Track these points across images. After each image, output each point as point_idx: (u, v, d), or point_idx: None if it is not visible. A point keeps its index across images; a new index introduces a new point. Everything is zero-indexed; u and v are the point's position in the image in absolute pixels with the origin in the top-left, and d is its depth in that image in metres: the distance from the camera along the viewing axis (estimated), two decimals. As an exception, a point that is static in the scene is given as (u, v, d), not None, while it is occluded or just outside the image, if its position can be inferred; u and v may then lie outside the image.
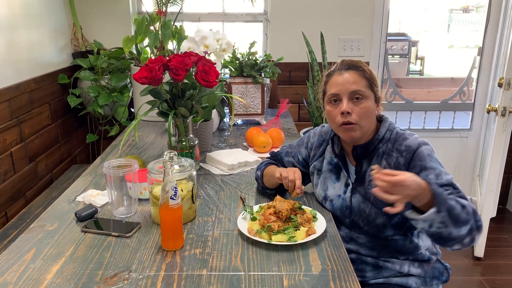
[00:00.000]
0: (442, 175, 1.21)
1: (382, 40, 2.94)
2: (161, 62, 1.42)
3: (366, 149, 1.32)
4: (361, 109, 1.26)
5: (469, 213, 1.11)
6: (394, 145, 1.29)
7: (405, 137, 1.30)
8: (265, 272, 1.06)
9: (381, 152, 1.31)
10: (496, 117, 2.42)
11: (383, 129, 1.32)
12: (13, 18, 2.11)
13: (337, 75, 1.30)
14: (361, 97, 1.26)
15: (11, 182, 2.08)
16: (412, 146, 1.26)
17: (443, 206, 1.07)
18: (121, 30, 2.80)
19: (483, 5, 9.18)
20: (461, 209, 1.10)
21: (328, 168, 1.42)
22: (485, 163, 2.72)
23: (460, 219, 1.09)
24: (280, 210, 1.24)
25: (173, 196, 1.11)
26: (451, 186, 1.20)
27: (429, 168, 1.22)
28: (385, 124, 1.33)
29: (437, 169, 1.22)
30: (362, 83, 1.27)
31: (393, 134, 1.32)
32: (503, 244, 2.78)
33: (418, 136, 1.32)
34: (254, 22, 3.00)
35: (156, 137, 2.14)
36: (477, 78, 3.08)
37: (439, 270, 1.37)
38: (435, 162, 1.23)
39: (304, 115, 3.06)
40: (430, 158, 1.24)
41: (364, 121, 1.27)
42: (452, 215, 1.08)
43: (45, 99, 2.41)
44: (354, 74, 1.28)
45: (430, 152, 1.26)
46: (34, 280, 1.03)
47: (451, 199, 1.11)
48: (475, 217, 1.12)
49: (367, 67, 1.32)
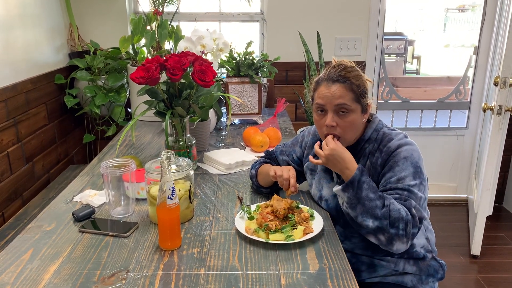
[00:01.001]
0: (405, 180, 1.23)
1: (378, 39, 2.95)
2: (158, 62, 1.42)
3: (353, 150, 1.32)
4: (345, 122, 1.27)
5: (386, 214, 1.17)
6: (379, 145, 1.31)
7: (390, 137, 1.30)
8: (263, 271, 1.06)
9: (367, 152, 1.33)
10: (492, 116, 2.43)
11: (370, 130, 1.34)
12: (9, 18, 2.10)
13: (324, 86, 1.28)
14: (346, 111, 1.26)
15: (8, 183, 2.07)
16: (392, 147, 1.27)
17: (352, 189, 1.20)
18: (118, 30, 2.80)
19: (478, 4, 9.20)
20: (378, 205, 1.18)
21: (323, 168, 1.43)
22: (481, 161, 2.73)
23: (369, 211, 1.18)
24: (277, 209, 1.25)
25: (170, 196, 1.12)
26: (406, 191, 1.22)
27: (396, 171, 1.24)
28: (372, 125, 1.35)
29: (403, 173, 1.23)
30: (348, 97, 1.26)
31: (380, 134, 1.33)
32: (499, 242, 2.79)
33: (406, 135, 1.32)
34: (251, 21, 3.00)
35: (153, 137, 2.14)
36: (473, 77, 3.09)
37: (434, 267, 1.38)
38: (407, 166, 1.24)
39: (301, 115, 3.06)
40: (404, 161, 1.24)
41: (348, 134, 1.30)
42: (363, 204, 1.19)
43: (42, 100, 2.40)
44: (341, 87, 1.26)
45: (409, 154, 1.25)
46: (31, 280, 1.03)
47: (374, 192, 1.19)
48: (396, 223, 1.16)
49: (357, 76, 1.28)
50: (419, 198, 1.22)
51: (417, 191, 1.23)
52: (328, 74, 1.29)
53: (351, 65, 1.31)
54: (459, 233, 2.88)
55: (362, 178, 1.20)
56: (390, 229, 1.17)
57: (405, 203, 1.20)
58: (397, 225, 1.17)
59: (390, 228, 1.17)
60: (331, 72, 1.29)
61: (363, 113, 1.30)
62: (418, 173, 1.24)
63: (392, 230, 1.17)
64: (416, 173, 1.24)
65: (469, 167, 3.23)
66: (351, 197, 1.20)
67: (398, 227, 1.17)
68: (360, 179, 1.20)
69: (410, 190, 1.22)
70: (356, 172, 1.21)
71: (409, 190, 1.22)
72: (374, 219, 1.18)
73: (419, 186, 1.24)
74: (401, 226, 1.17)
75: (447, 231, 2.89)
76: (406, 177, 1.23)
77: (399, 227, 1.17)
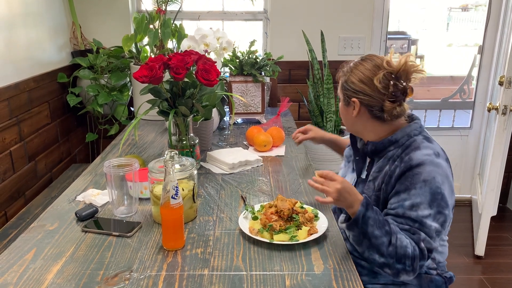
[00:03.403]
0: (419, 208, 1.15)
1: (382, 38, 2.94)
2: (162, 61, 1.41)
3: (375, 148, 1.30)
4: (339, 109, 1.41)
5: (392, 254, 1.11)
6: (402, 153, 1.23)
7: (417, 147, 1.22)
8: (267, 271, 1.06)
9: (390, 155, 1.27)
10: (497, 116, 2.41)
11: (401, 133, 1.27)
12: (12, 17, 2.10)
13: None
14: (338, 97, 1.38)
15: (10, 182, 2.07)
16: (413, 161, 1.18)
17: (358, 227, 1.12)
18: (121, 28, 2.79)
19: (482, 3, 9.16)
20: (384, 242, 1.11)
21: (352, 158, 1.46)
22: (486, 161, 2.71)
23: (375, 248, 1.13)
24: (281, 209, 1.24)
25: (174, 196, 1.11)
26: (417, 223, 1.15)
27: (412, 194, 1.16)
28: (407, 129, 1.27)
29: (418, 199, 1.15)
30: (339, 85, 1.36)
31: (410, 141, 1.25)
32: (503, 243, 2.78)
33: (438, 152, 1.22)
34: (254, 20, 2.99)
35: (156, 136, 2.14)
36: (477, 76, 3.07)
37: (437, 283, 1.34)
38: (424, 192, 1.15)
39: (304, 114, 3.05)
40: (422, 184, 1.15)
41: (343, 121, 1.39)
42: (369, 240, 1.12)
43: (45, 98, 2.40)
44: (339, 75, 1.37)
45: (431, 177, 1.16)
46: (34, 280, 1.02)
47: (380, 228, 1.12)
48: (403, 260, 1.12)
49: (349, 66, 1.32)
50: (432, 230, 1.15)
51: (431, 222, 1.15)
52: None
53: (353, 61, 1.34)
54: (463, 234, 2.87)
55: (367, 214, 1.12)
56: (396, 265, 1.13)
57: (413, 237, 1.14)
58: (403, 261, 1.12)
59: (397, 264, 1.12)
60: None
61: (347, 106, 1.34)
62: (437, 201, 1.15)
63: (398, 265, 1.13)
64: (434, 201, 1.15)
65: (473, 167, 3.22)
66: (357, 234, 1.14)
67: (405, 263, 1.12)
68: (365, 215, 1.12)
69: (423, 222, 1.15)
70: (360, 208, 1.12)
71: (421, 223, 1.15)
72: (380, 256, 1.13)
73: (435, 216, 1.15)
74: (408, 263, 1.12)
75: (451, 232, 2.83)
76: (421, 204, 1.15)
77: (406, 263, 1.12)
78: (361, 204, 1.13)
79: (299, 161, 1.80)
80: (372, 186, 1.29)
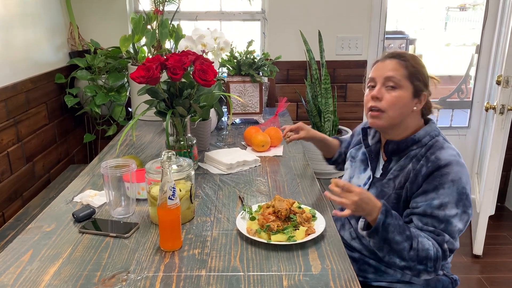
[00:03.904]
0: (447, 207, 1.16)
1: (380, 38, 2.94)
2: (159, 61, 1.41)
3: (397, 147, 1.29)
4: (392, 97, 1.23)
5: (414, 258, 1.13)
6: (427, 152, 1.23)
7: (441, 147, 1.23)
8: (265, 272, 1.05)
9: (412, 154, 1.26)
10: (495, 115, 2.42)
11: (423, 132, 1.27)
12: (9, 17, 2.09)
13: (380, 62, 1.29)
14: (395, 85, 1.23)
15: (8, 183, 2.07)
16: (441, 160, 1.19)
17: (378, 234, 1.12)
18: (118, 29, 2.78)
19: (479, 3, 9.16)
20: (406, 247, 1.12)
21: (361, 158, 1.43)
22: (484, 161, 2.72)
23: (397, 253, 1.14)
24: (279, 210, 1.24)
25: (171, 196, 1.10)
26: (443, 223, 1.16)
27: (440, 194, 1.17)
28: (428, 128, 1.28)
29: (447, 199, 1.16)
30: (400, 72, 1.23)
31: (433, 141, 1.25)
32: (501, 242, 2.78)
33: (459, 153, 1.23)
34: (252, 20, 2.99)
35: (154, 136, 2.13)
36: (475, 76, 3.08)
37: (444, 283, 1.34)
38: (452, 192, 1.16)
39: (302, 114, 3.05)
40: (450, 184, 1.17)
41: (392, 111, 1.24)
42: (390, 246, 1.13)
43: (42, 99, 2.39)
44: (395, 62, 1.25)
45: (458, 177, 1.17)
46: (31, 282, 1.02)
47: (401, 233, 1.12)
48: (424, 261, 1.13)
49: (415, 59, 1.27)
50: (456, 231, 1.17)
51: (457, 222, 1.17)
52: (387, 53, 1.30)
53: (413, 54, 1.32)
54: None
55: (386, 221, 1.12)
56: (418, 266, 1.14)
57: (438, 238, 1.16)
58: (425, 263, 1.13)
59: (418, 265, 1.14)
60: (389, 52, 1.31)
61: (414, 98, 1.25)
62: (463, 201, 1.17)
63: (420, 267, 1.14)
64: (460, 201, 1.17)
65: (471, 166, 3.22)
66: (377, 241, 1.14)
67: (427, 265, 1.13)
68: (385, 222, 1.11)
69: (449, 221, 1.16)
70: (380, 216, 1.12)
71: (448, 222, 1.16)
72: (401, 260, 1.14)
73: (461, 215, 1.17)
74: (430, 264, 1.13)
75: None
76: (448, 204, 1.16)
77: (428, 264, 1.13)
78: (381, 212, 1.12)
79: (297, 161, 1.80)
80: (393, 185, 1.27)
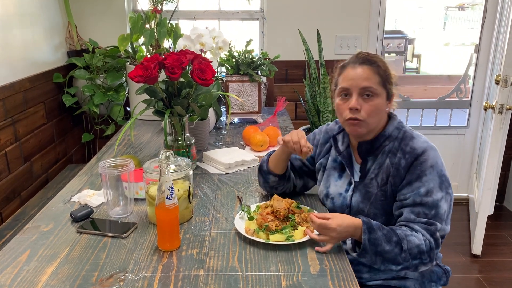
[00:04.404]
0: (433, 193, 1.19)
1: (378, 37, 2.94)
2: (157, 61, 1.41)
3: (371, 146, 1.30)
4: (370, 106, 1.24)
5: (407, 258, 1.15)
6: (400, 144, 1.27)
7: (412, 137, 1.27)
8: (263, 272, 1.05)
9: (387, 150, 1.29)
10: (493, 115, 2.42)
11: (391, 127, 1.30)
12: (7, 17, 2.09)
13: (351, 68, 1.27)
14: (371, 94, 1.24)
15: (6, 182, 2.06)
16: (417, 149, 1.23)
17: (368, 252, 1.14)
18: (116, 28, 2.78)
19: (478, 2, 9.15)
20: (397, 252, 1.14)
21: (332, 165, 1.41)
22: (482, 160, 2.72)
23: (390, 261, 1.15)
24: (277, 210, 1.23)
25: (169, 196, 1.10)
26: (434, 209, 1.19)
27: (424, 181, 1.21)
28: (394, 122, 1.31)
29: (431, 184, 1.20)
30: (374, 80, 1.24)
31: (401, 133, 1.29)
32: (500, 242, 2.78)
33: (427, 139, 1.28)
34: (251, 20, 2.98)
35: (152, 136, 2.13)
36: (473, 75, 3.08)
37: (438, 274, 1.36)
38: (433, 176, 1.21)
39: (301, 113, 3.05)
40: (431, 170, 1.21)
41: (372, 119, 1.25)
42: (383, 257, 1.15)
43: (40, 98, 2.38)
44: (368, 69, 1.24)
45: (435, 162, 1.22)
46: (28, 282, 1.01)
47: (389, 241, 1.14)
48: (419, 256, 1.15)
49: (384, 62, 1.28)
50: (444, 213, 1.20)
51: (443, 204, 1.20)
52: (355, 58, 1.28)
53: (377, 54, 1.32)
54: (460, 232, 2.87)
55: (371, 237, 1.13)
56: (413, 262, 1.16)
57: (430, 228, 1.18)
58: (419, 257, 1.16)
59: (413, 261, 1.16)
60: (358, 56, 1.29)
61: (387, 100, 1.28)
62: (444, 183, 1.21)
63: (415, 261, 1.16)
64: (442, 183, 1.21)
65: (469, 166, 3.22)
66: (369, 258, 1.16)
67: (421, 258, 1.16)
68: (371, 239, 1.13)
69: (438, 205, 1.19)
70: (364, 236, 1.13)
71: (437, 206, 1.19)
72: (396, 265, 1.17)
73: (445, 197, 1.21)
74: (424, 256, 1.16)
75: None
76: (433, 189, 1.20)
77: (422, 258, 1.16)
78: (363, 232, 1.14)
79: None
80: (376, 183, 1.28)
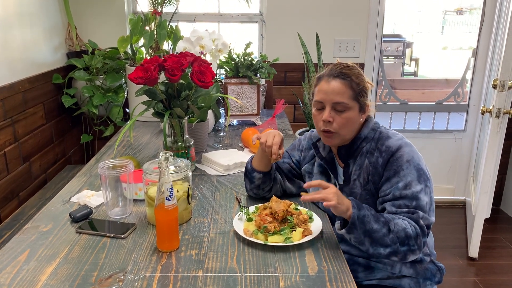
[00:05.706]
0: (412, 186, 1.23)
1: (377, 41, 2.95)
2: (157, 62, 1.42)
3: (350, 149, 1.35)
4: (342, 119, 1.29)
5: (395, 240, 1.17)
6: (377, 144, 1.32)
7: (388, 136, 1.32)
8: (261, 273, 1.06)
9: (365, 151, 1.34)
10: (491, 118, 2.43)
11: (366, 129, 1.35)
12: (6, 17, 2.09)
13: (325, 81, 1.31)
14: (344, 108, 1.28)
15: (4, 183, 2.06)
16: (392, 147, 1.28)
17: (357, 228, 1.16)
18: (116, 30, 2.79)
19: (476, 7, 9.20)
20: (385, 233, 1.17)
21: (319, 170, 1.45)
22: (480, 164, 2.73)
23: (378, 241, 1.17)
24: (276, 211, 1.24)
25: (168, 197, 1.11)
26: (414, 200, 1.22)
27: (402, 176, 1.24)
28: (369, 124, 1.36)
29: (409, 178, 1.24)
30: (346, 94, 1.28)
31: (377, 133, 1.34)
32: (497, 245, 2.79)
33: (403, 136, 1.33)
34: (250, 22, 2.99)
35: (152, 137, 2.13)
36: (471, 79, 3.09)
37: (432, 271, 1.37)
38: (411, 170, 1.24)
39: (299, 116, 3.06)
40: (407, 165, 1.25)
41: (344, 130, 1.30)
42: (371, 236, 1.17)
43: (39, 99, 2.39)
44: (340, 84, 1.28)
45: (410, 157, 1.26)
46: (28, 281, 1.02)
47: (377, 221, 1.17)
48: (406, 241, 1.18)
49: (358, 75, 1.31)
50: (426, 204, 1.23)
51: (423, 196, 1.23)
52: (330, 70, 1.32)
53: (353, 65, 1.34)
54: (457, 236, 2.88)
55: (361, 213, 1.17)
56: (401, 248, 1.18)
57: (413, 216, 1.21)
58: (407, 243, 1.18)
59: (401, 247, 1.18)
60: (332, 68, 1.32)
61: (360, 112, 1.32)
62: (422, 176, 1.25)
63: (403, 248, 1.18)
64: (420, 176, 1.25)
65: (467, 169, 3.23)
66: (358, 235, 1.18)
67: (409, 244, 1.18)
68: (360, 215, 1.16)
69: (418, 197, 1.23)
70: (353, 211, 1.17)
71: (417, 198, 1.22)
72: (385, 247, 1.18)
73: (425, 189, 1.24)
74: (411, 242, 1.18)
75: (445, 233, 2.89)
76: (412, 182, 1.24)
77: (410, 243, 1.18)
78: (353, 207, 1.18)
79: (294, 163, 1.80)
80: (359, 184, 1.33)
